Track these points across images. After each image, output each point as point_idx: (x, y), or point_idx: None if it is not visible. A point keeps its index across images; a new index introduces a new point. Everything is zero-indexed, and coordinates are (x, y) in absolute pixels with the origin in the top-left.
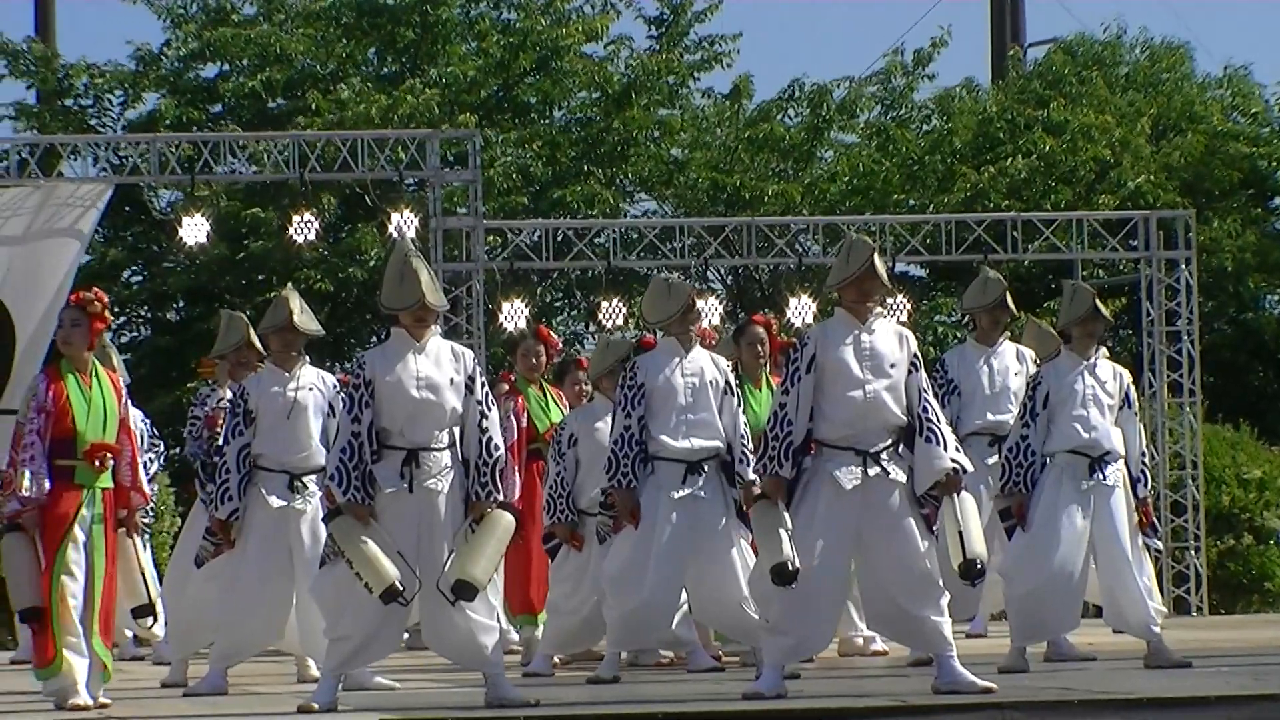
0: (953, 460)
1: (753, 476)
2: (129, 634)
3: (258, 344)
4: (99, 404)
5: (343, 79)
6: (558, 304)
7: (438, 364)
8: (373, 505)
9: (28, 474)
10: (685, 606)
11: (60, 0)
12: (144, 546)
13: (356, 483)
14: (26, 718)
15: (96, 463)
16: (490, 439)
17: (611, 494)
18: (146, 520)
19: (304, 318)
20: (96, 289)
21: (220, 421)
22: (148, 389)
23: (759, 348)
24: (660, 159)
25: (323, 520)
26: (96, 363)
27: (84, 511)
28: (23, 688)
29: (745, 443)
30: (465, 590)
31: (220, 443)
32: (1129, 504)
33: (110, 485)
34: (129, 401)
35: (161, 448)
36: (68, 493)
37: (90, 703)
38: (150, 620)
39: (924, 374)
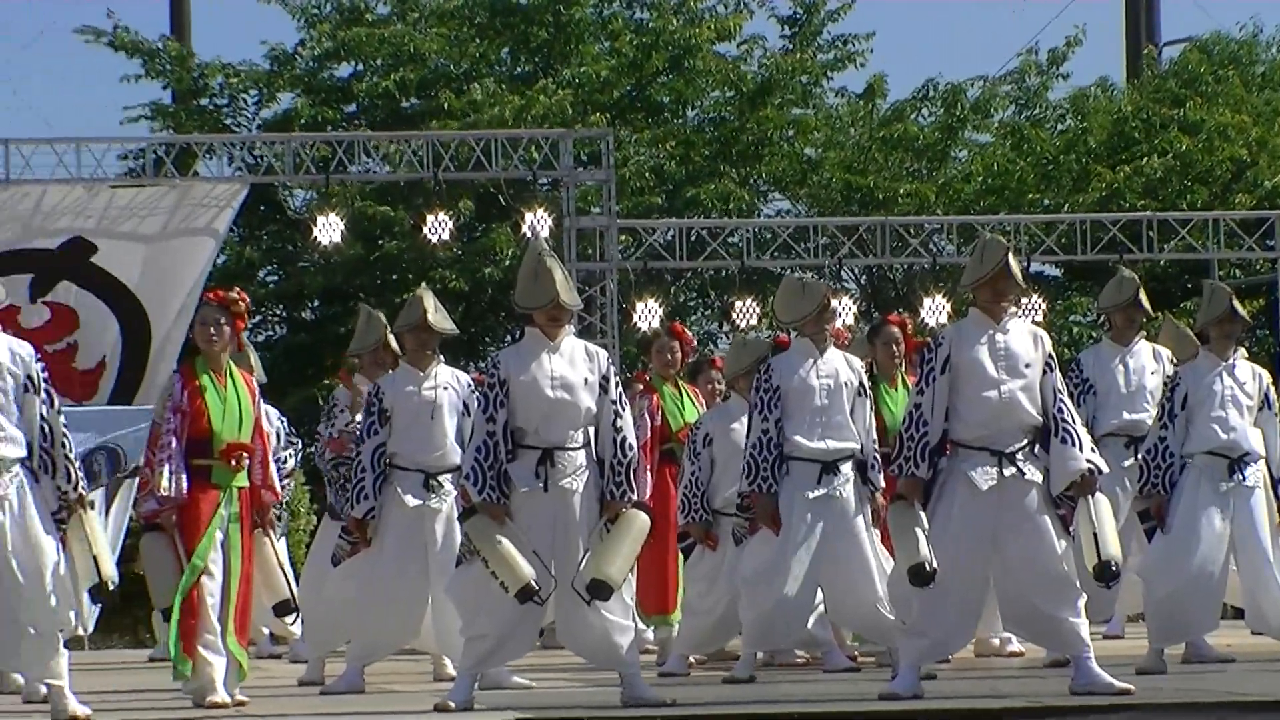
0: (1088, 461)
1: (881, 483)
2: (266, 632)
3: (394, 344)
4: (234, 403)
5: (476, 79)
6: (691, 303)
7: (572, 363)
8: (508, 505)
9: (165, 473)
10: (821, 607)
11: (196, 1)
12: (279, 544)
13: (492, 482)
14: (166, 715)
15: (232, 462)
16: (624, 438)
17: (750, 498)
18: (279, 514)
19: (438, 317)
20: (238, 288)
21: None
22: (283, 387)
23: (894, 347)
24: (794, 158)
25: (458, 519)
26: (231, 362)
27: (221, 511)
28: (161, 685)
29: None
30: (601, 590)
31: (353, 445)
32: (1269, 505)
33: (246, 484)
34: (263, 400)
35: (299, 445)
36: (205, 492)
37: (228, 701)
38: (291, 618)
39: (1059, 374)
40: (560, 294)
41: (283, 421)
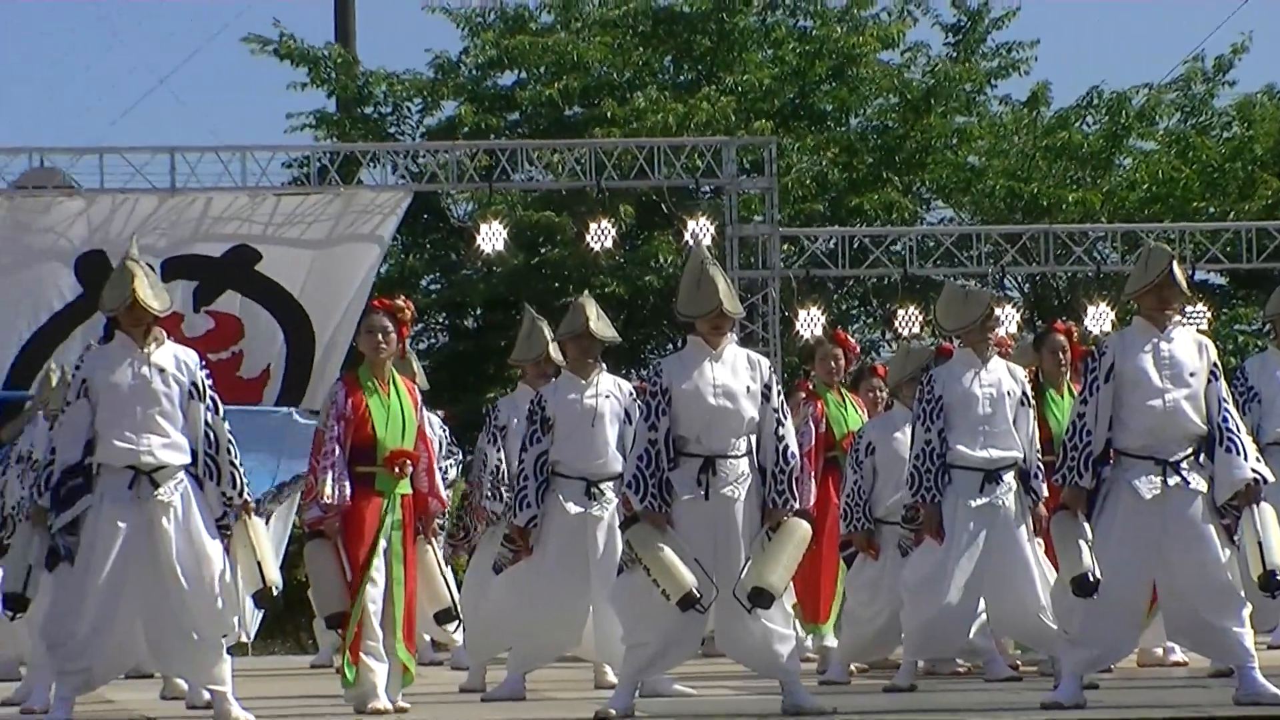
0: (1253, 470)
1: (1044, 492)
2: (427, 639)
3: (556, 355)
4: (397, 411)
5: (639, 87)
6: (854, 311)
7: (734, 371)
8: (669, 512)
9: (329, 481)
10: (983, 615)
11: (360, 9)
12: (441, 552)
13: (653, 490)
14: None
15: (396, 469)
16: (787, 446)
17: (915, 508)
18: (442, 523)
19: (600, 325)
20: (404, 295)
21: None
22: (445, 396)
23: (1060, 355)
24: (957, 166)
25: (620, 527)
26: (393, 369)
27: (384, 518)
28: (324, 691)
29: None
30: (762, 598)
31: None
32: None
33: (409, 492)
34: (425, 408)
35: (459, 455)
36: (368, 499)
37: (389, 707)
38: (453, 625)
39: (1223, 383)
40: (723, 302)
41: (445, 430)
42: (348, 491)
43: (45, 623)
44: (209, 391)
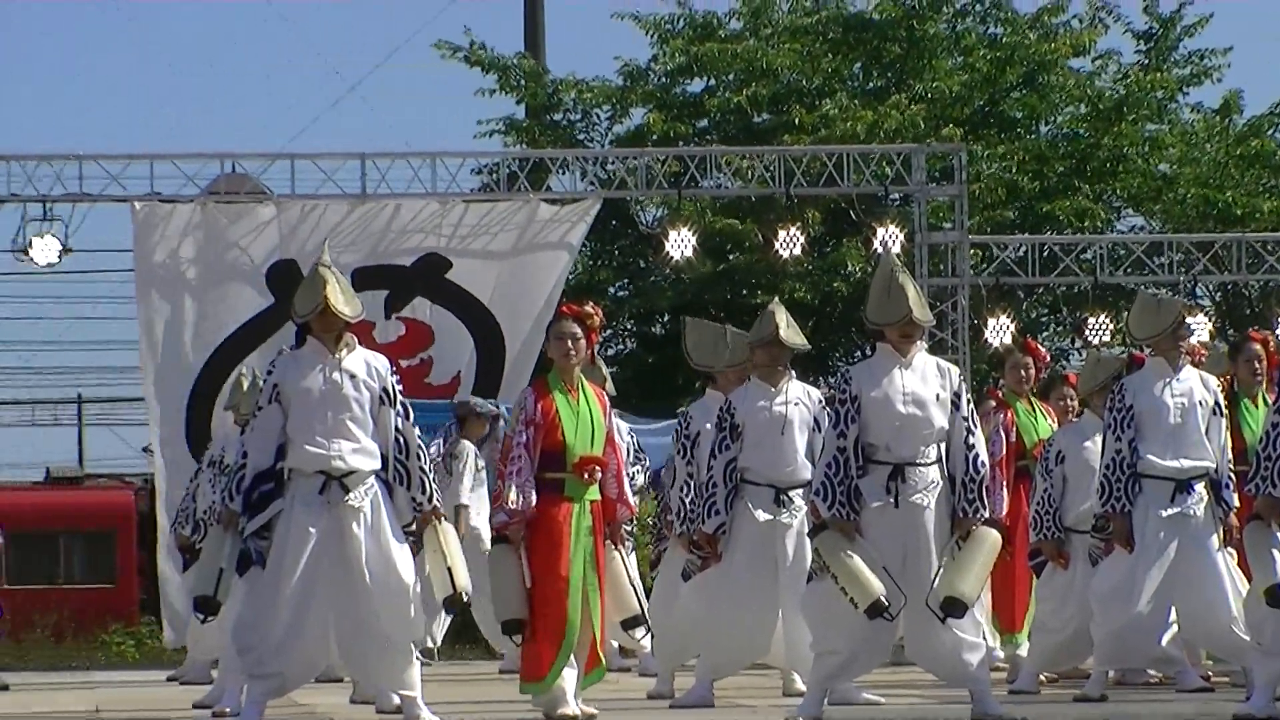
0: None
1: (1235, 503)
2: (614, 645)
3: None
4: (586, 417)
5: (828, 94)
6: (1043, 319)
7: (924, 379)
8: (857, 520)
9: (514, 487)
10: (1174, 625)
11: (550, 18)
12: (628, 558)
13: (841, 498)
14: None
15: (585, 475)
16: (977, 455)
17: (1106, 517)
18: (629, 530)
19: (790, 332)
20: (593, 302)
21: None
22: (633, 403)
23: (1256, 364)
24: (1149, 175)
25: (808, 535)
26: (582, 375)
27: (574, 524)
28: (510, 697)
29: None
30: (955, 607)
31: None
32: None
33: (598, 498)
34: (614, 414)
35: (647, 461)
36: (558, 505)
37: (578, 713)
38: (641, 632)
39: None
40: (913, 310)
41: (633, 436)
42: (533, 498)
43: (237, 627)
44: (399, 397)
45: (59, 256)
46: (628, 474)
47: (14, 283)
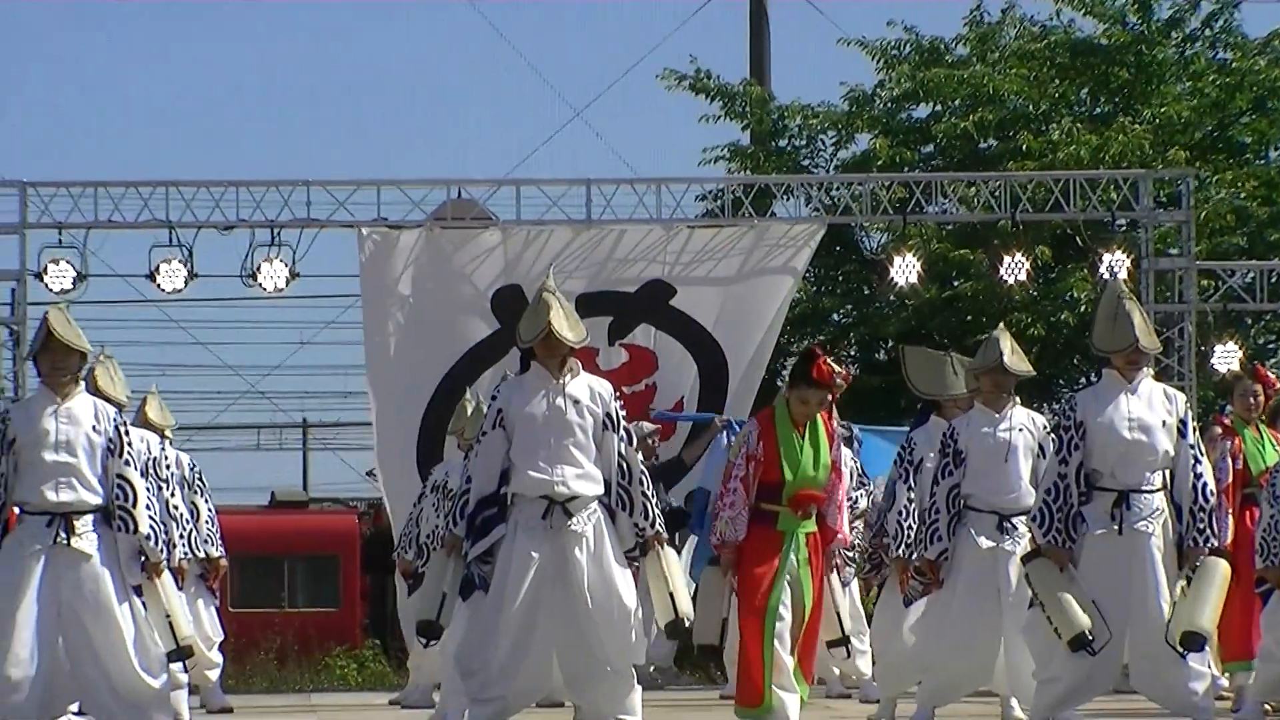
0: None
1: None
2: (836, 672)
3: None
4: (810, 454)
5: (1054, 119)
6: (1271, 346)
7: (1150, 406)
8: (1073, 549)
9: (726, 519)
10: None
11: (775, 42)
12: (843, 585)
13: (1059, 525)
14: None
15: (799, 512)
16: (1205, 484)
17: None
18: (851, 556)
19: (1015, 358)
20: (845, 370)
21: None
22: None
23: (1251, 400)
24: None
25: (1021, 560)
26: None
27: (788, 556)
28: None
29: None
30: (1194, 641)
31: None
32: None
33: (814, 530)
34: (840, 443)
35: (870, 486)
36: (768, 536)
37: None
38: (843, 652)
39: None
40: (1140, 338)
41: (856, 461)
42: (741, 531)
43: (460, 651)
44: (623, 423)
45: (286, 282)
46: (850, 497)
47: (242, 308)
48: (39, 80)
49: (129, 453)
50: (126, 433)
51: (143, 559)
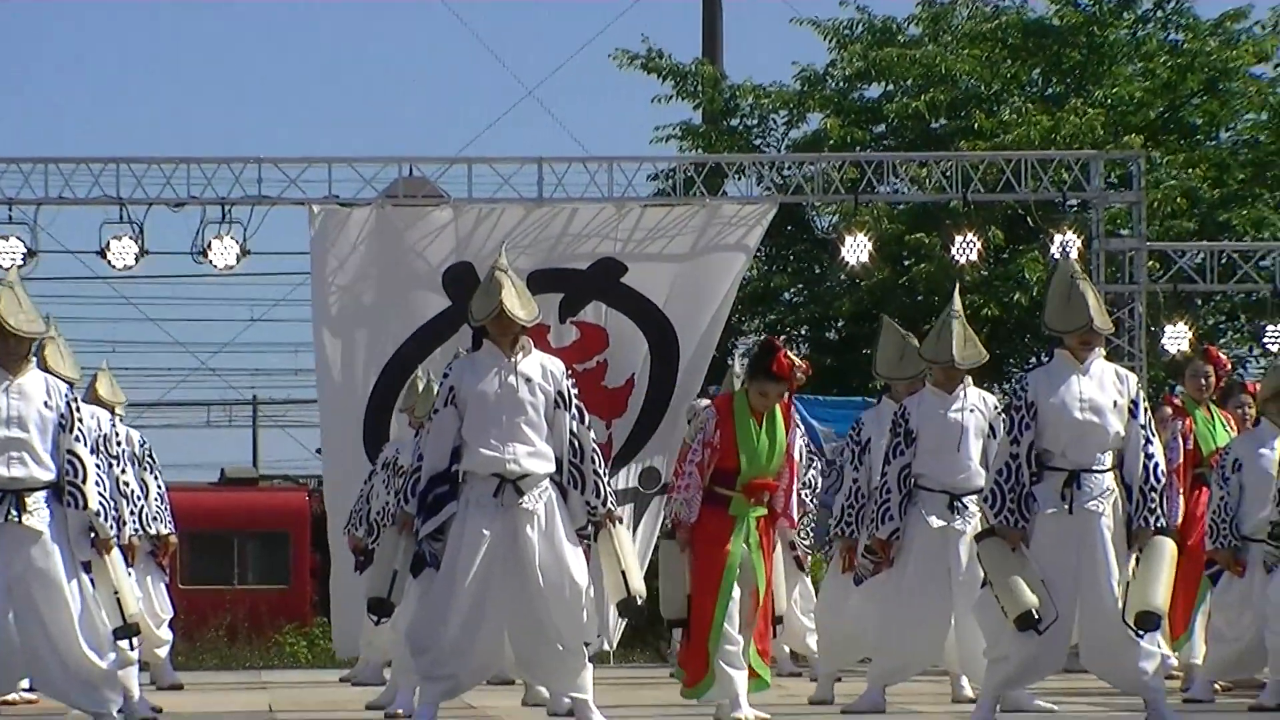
0: None
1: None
2: (786, 650)
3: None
4: (765, 443)
5: (1006, 100)
6: (1221, 326)
7: (1101, 386)
8: (1026, 528)
9: (681, 501)
10: None
11: (728, 22)
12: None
13: (1011, 505)
14: None
15: (752, 499)
16: (1156, 464)
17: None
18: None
19: (965, 351)
20: (804, 362)
21: None
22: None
23: (1202, 381)
24: None
25: (975, 539)
26: None
27: (739, 541)
28: (680, 700)
29: None
30: (1149, 621)
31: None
32: None
33: (764, 513)
34: (796, 430)
35: (819, 463)
36: (721, 520)
37: (750, 717)
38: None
39: None
40: (1094, 318)
41: (805, 439)
42: (694, 513)
43: (411, 628)
44: (574, 401)
45: (237, 259)
46: (801, 483)
47: (192, 285)
48: None
49: (79, 429)
50: (77, 409)
51: (92, 535)
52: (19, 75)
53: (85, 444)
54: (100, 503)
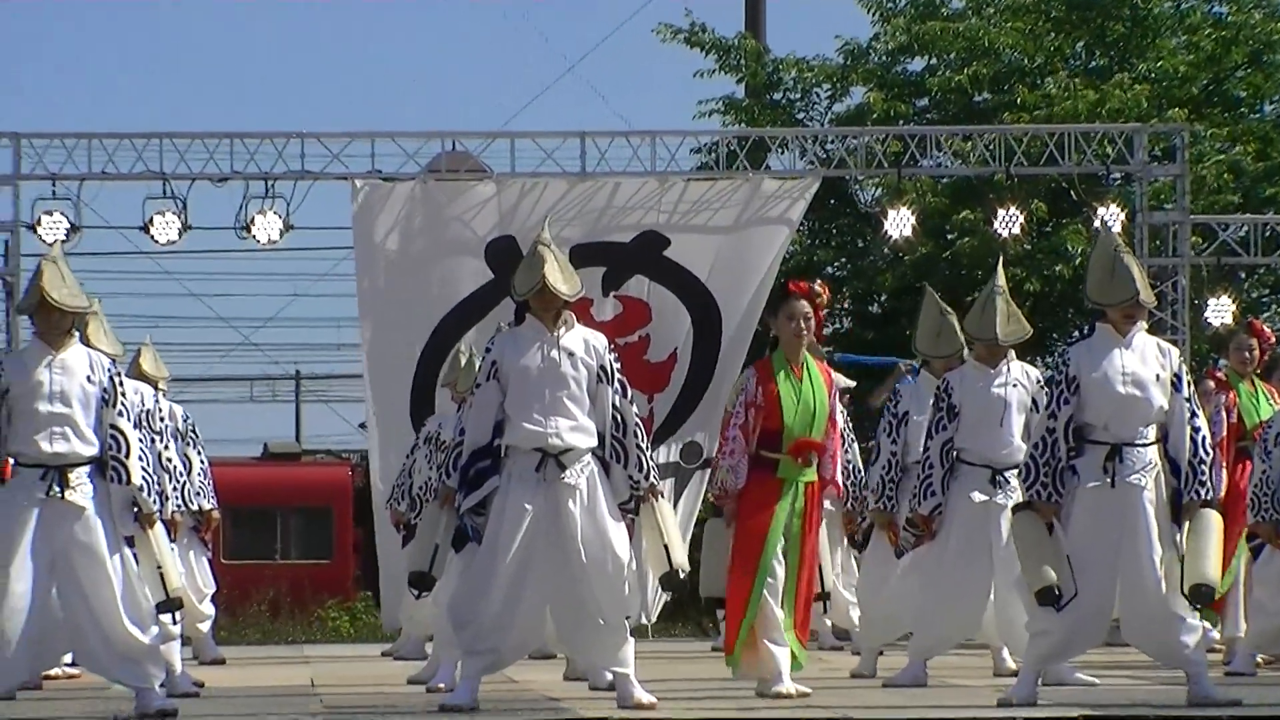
0: None
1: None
2: (828, 624)
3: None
4: (809, 399)
5: (1050, 73)
6: (1264, 300)
7: (1144, 360)
8: (1059, 503)
9: (726, 467)
10: None
11: None
12: (846, 541)
13: (1045, 479)
14: (727, 704)
15: (799, 459)
16: (1204, 438)
17: None
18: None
19: (1008, 328)
20: (821, 280)
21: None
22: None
23: (1246, 354)
24: None
25: (1011, 510)
26: (809, 355)
27: (785, 506)
28: (722, 675)
29: None
30: (1203, 594)
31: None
32: None
33: (814, 479)
34: (837, 395)
35: (854, 442)
36: (769, 485)
37: (793, 692)
38: (820, 608)
39: None
40: (1139, 291)
41: (844, 415)
42: (741, 479)
43: (453, 603)
44: (617, 375)
45: (280, 234)
46: (845, 456)
47: (236, 259)
48: (33, 33)
49: (123, 404)
50: (120, 383)
51: (135, 510)
52: (63, 52)
53: (128, 419)
54: (143, 477)
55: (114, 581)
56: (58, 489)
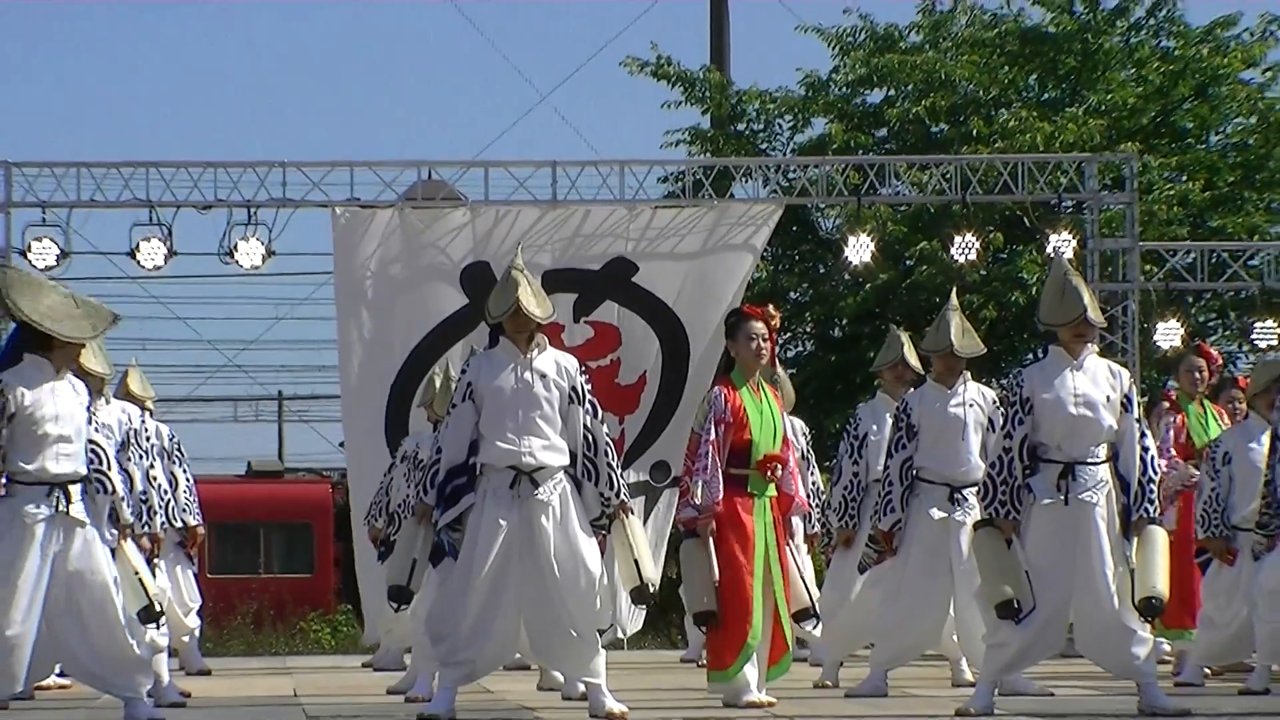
0: None
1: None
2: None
3: (915, 363)
4: (769, 415)
5: (1005, 105)
6: (1211, 324)
7: (1094, 381)
8: (1016, 520)
9: (701, 483)
10: None
11: (734, 29)
12: (801, 552)
13: (1003, 497)
14: (697, 714)
15: (767, 473)
16: (1152, 457)
17: (1267, 514)
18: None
19: (964, 341)
20: (771, 304)
21: None
22: (813, 405)
23: (1196, 375)
24: None
25: (973, 527)
26: (761, 379)
27: (757, 519)
28: (692, 685)
29: None
30: (1153, 606)
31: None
32: None
33: (776, 494)
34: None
35: (812, 461)
36: (744, 500)
37: (760, 700)
38: (810, 624)
39: None
40: (1087, 310)
41: (806, 437)
42: (718, 492)
43: (430, 616)
44: (588, 396)
45: (262, 259)
46: (802, 473)
47: (220, 284)
48: (24, 64)
49: (96, 419)
50: (94, 402)
51: (114, 520)
52: (52, 82)
53: (100, 432)
54: (123, 487)
55: (114, 596)
56: (64, 504)
